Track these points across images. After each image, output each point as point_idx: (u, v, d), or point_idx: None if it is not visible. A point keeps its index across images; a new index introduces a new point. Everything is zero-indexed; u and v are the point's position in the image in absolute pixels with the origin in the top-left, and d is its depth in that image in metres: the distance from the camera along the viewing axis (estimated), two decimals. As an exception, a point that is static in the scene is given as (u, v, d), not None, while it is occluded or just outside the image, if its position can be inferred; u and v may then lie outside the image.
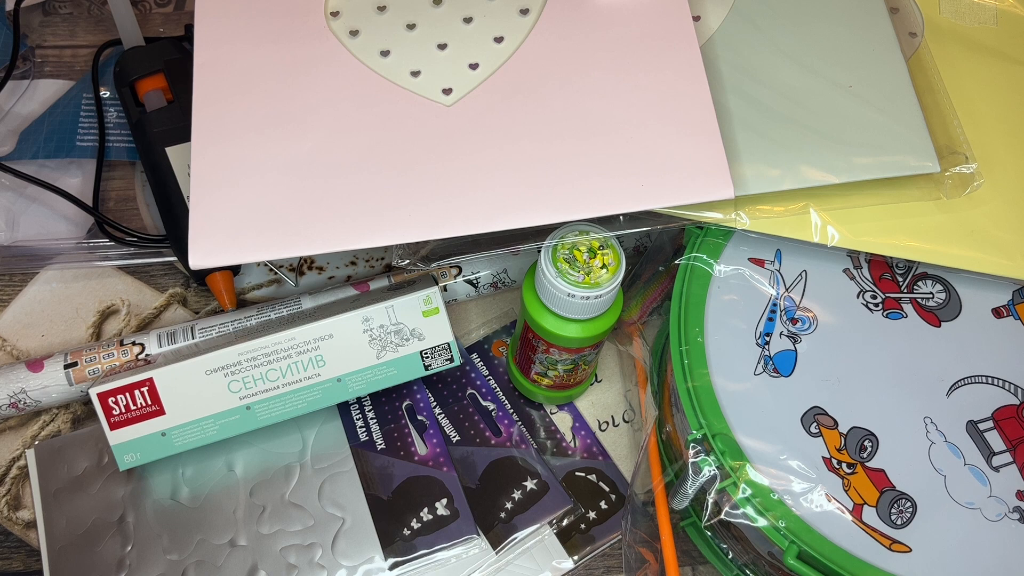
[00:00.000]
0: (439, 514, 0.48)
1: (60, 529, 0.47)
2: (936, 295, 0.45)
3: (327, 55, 0.45)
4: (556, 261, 0.42)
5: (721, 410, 0.42)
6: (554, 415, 0.53)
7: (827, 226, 0.44)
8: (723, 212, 0.43)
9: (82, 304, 0.55)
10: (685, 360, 0.43)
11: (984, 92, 0.48)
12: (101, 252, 0.55)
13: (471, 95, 0.44)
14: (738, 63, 0.46)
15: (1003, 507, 0.40)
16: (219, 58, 0.45)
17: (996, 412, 0.42)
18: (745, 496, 0.40)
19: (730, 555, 0.45)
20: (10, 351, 0.53)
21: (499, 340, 0.55)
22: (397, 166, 0.42)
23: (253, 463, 0.49)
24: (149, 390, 0.46)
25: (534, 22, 0.46)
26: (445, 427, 0.51)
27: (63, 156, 0.57)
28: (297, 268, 0.56)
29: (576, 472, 0.51)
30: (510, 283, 0.55)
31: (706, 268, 0.45)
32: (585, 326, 0.44)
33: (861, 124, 0.44)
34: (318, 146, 0.43)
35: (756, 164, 0.43)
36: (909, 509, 0.40)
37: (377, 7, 0.47)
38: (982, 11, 0.51)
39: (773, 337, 0.44)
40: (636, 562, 0.46)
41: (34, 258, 0.55)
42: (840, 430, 0.42)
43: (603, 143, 0.43)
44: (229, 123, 0.43)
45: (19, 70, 0.61)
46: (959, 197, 0.45)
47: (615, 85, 0.44)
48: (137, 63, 0.55)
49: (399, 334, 0.48)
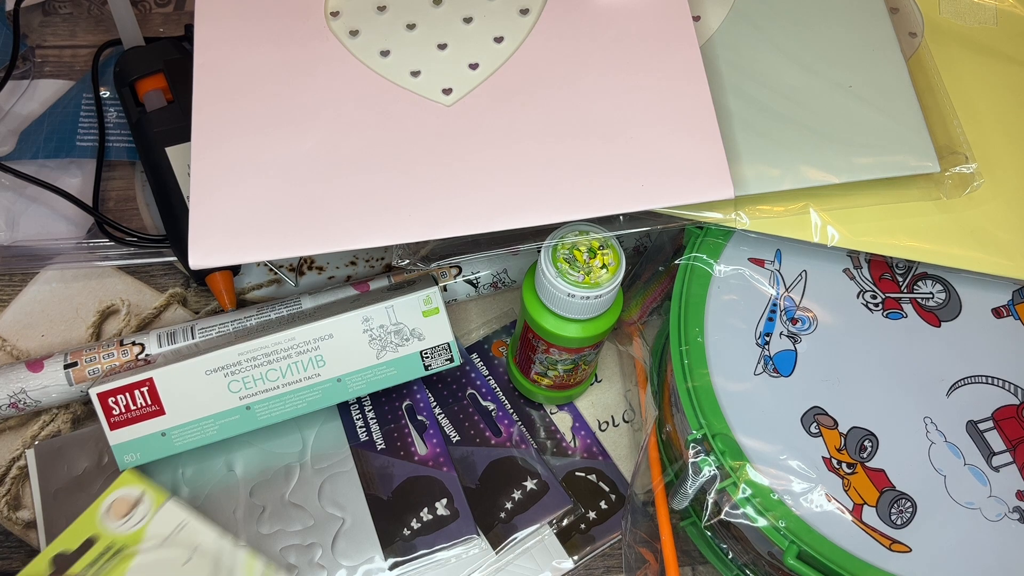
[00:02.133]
0: (439, 514, 0.48)
1: (60, 529, 0.47)
2: (936, 295, 0.45)
3: (327, 55, 0.45)
4: (556, 261, 0.42)
5: (721, 410, 0.42)
6: (554, 415, 0.53)
7: (827, 226, 0.44)
8: (723, 212, 0.43)
9: (82, 304, 0.55)
10: (685, 360, 0.43)
11: (984, 92, 0.48)
12: (101, 252, 0.55)
13: (471, 95, 0.44)
14: (738, 63, 0.46)
15: (1003, 507, 0.40)
16: (219, 58, 0.45)
17: (996, 412, 0.42)
18: (745, 496, 0.40)
19: (730, 555, 0.45)
20: (10, 351, 0.53)
21: (499, 340, 0.55)
22: (397, 166, 0.42)
23: (253, 463, 0.49)
24: (149, 390, 0.46)
25: (534, 22, 0.46)
26: (445, 427, 0.51)
27: (63, 156, 0.57)
28: (297, 268, 0.56)
29: (576, 472, 0.51)
30: (510, 283, 0.55)
31: (706, 268, 0.45)
32: (585, 326, 0.44)
33: (861, 124, 0.44)
34: (318, 146, 0.43)
35: (756, 164, 0.43)
36: (909, 509, 0.40)
37: (377, 7, 0.47)
38: (982, 11, 0.51)
39: (773, 337, 0.44)
40: (636, 562, 0.46)
41: (34, 258, 0.55)
42: (840, 430, 0.42)
43: (603, 143, 0.43)
44: (229, 123, 0.43)
45: (19, 70, 0.61)
46: (959, 197, 0.45)
47: (615, 85, 0.44)
48: (137, 63, 0.55)
49: (399, 334, 0.48)
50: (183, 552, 0.43)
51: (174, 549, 0.43)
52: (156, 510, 0.44)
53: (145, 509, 0.44)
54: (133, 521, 0.44)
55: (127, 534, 0.43)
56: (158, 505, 0.44)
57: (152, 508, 0.44)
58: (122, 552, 0.42)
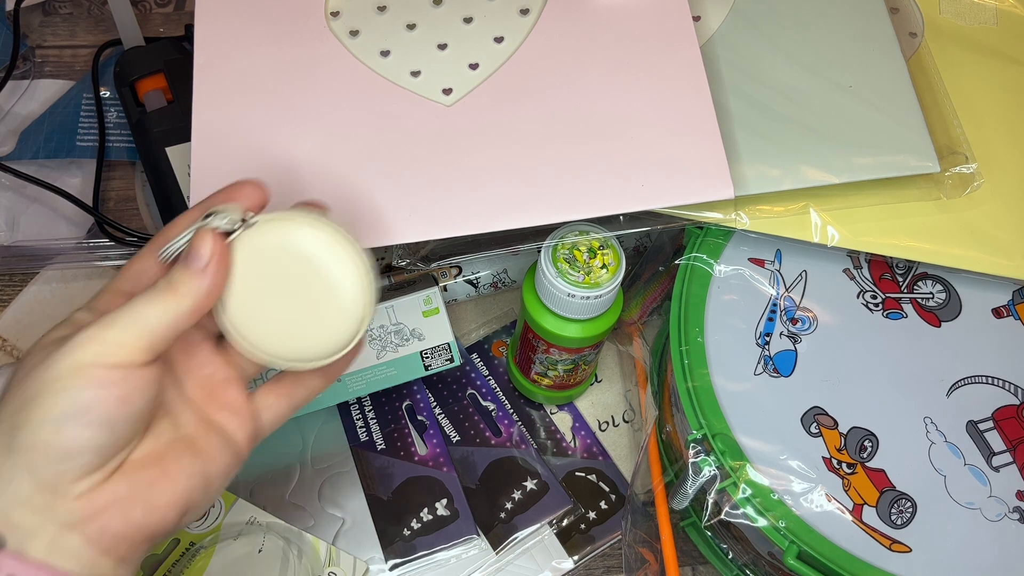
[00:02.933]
0: (439, 514, 0.48)
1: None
2: (936, 295, 0.45)
3: (327, 55, 0.45)
4: (556, 261, 0.42)
5: (721, 410, 0.42)
6: (554, 415, 0.53)
7: (827, 226, 0.44)
8: (723, 212, 0.43)
9: (82, 304, 0.55)
10: (685, 360, 0.43)
11: (984, 92, 0.48)
12: (101, 252, 0.55)
13: (471, 95, 0.44)
14: (738, 63, 0.46)
15: (1003, 507, 0.40)
16: (219, 58, 0.45)
17: (996, 412, 0.42)
18: (745, 496, 0.40)
19: (730, 555, 0.45)
20: (10, 351, 0.53)
21: (499, 340, 0.55)
22: (397, 166, 0.42)
23: (253, 463, 0.49)
24: (149, 390, 0.46)
25: (534, 22, 0.46)
26: (445, 427, 0.51)
27: (63, 156, 0.57)
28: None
29: (576, 472, 0.51)
30: (510, 283, 0.55)
31: (706, 268, 0.45)
32: (585, 326, 0.44)
33: (861, 124, 0.44)
34: (318, 146, 0.43)
35: (756, 164, 0.43)
36: (909, 509, 0.40)
37: (377, 7, 0.47)
38: (982, 11, 0.51)
39: (773, 337, 0.44)
40: (636, 562, 0.46)
41: (34, 258, 0.55)
42: (840, 430, 0.42)
43: (603, 143, 0.43)
44: (229, 123, 0.43)
45: (19, 70, 0.61)
46: (959, 197, 0.45)
47: (615, 85, 0.44)
48: (137, 63, 0.55)
49: (399, 334, 0.48)
50: (256, 541, 0.46)
51: (248, 539, 0.46)
52: (229, 507, 0.47)
53: (218, 507, 0.47)
54: (209, 520, 0.47)
55: (205, 532, 0.46)
56: (230, 503, 0.47)
57: (225, 506, 0.47)
58: (202, 548, 0.46)
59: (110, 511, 0.29)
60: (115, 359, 0.29)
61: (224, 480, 0.33)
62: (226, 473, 0.33)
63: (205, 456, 0.32)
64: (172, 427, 0.32)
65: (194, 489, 0.32)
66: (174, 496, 0.31)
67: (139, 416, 0.30)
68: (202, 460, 0.32)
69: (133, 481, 0.30)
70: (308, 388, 0.36)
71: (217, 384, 0.34)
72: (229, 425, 0.34)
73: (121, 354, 0.29)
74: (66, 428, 0.28)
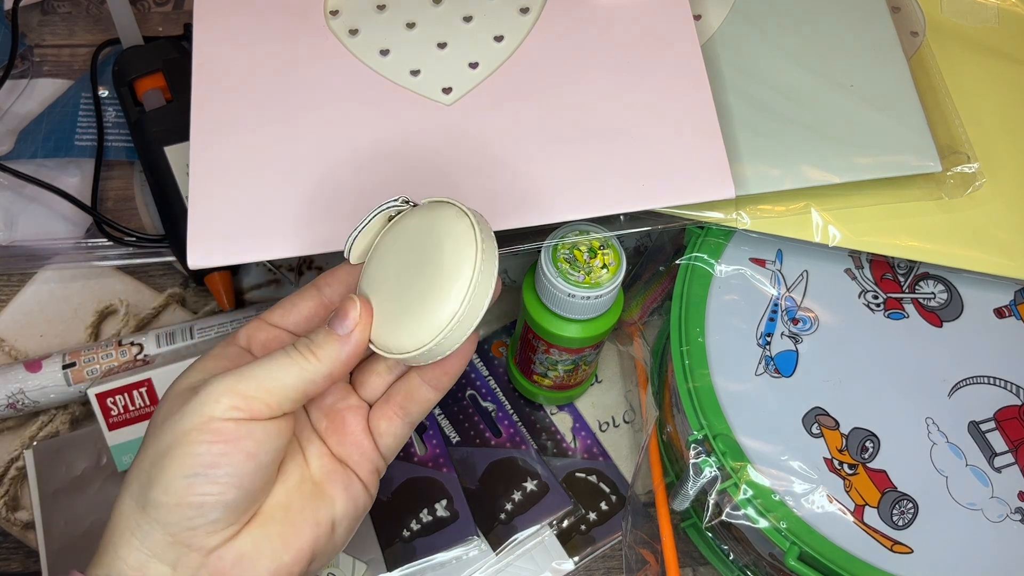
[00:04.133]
0: (439, 515, 0.48)
1: (59, 530, 0.47)
2: (938, 295, 0.45)
3: (326, 54, 0.45)
4: (556, 261, 0.42)
5: (722, 411, 0.42)
6: (554, 416, 0.53)
7: (828, 226, 0.44)
8: (724, 212, 0.43)
9: (80, 304, 0.55)
10: (686, 360, 0.43)
11: (986, 91, 0.48)
12: (99, 252, 0.55)
13: (471, 94, 0.44)
14: (739, 62, 0.46)
15: (1005, 508, 0.40)
16: (218, 57, 0.45)
17: (998, 413, 0.42)
18: (746, 497, 0.40)
19: (731, 556, 0.45)
20: (8, 351, 0.53)
21: (499, 340, 0.55)
22: (397, 166, 0.42)
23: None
24: (148, 391, 0.46)
25: (534, 21, 0.46)
26: (445, 428, 0.51)
27: (61, 156, 0.57)
28: (297, 268, 0.56)
29: (576, 473, 0.51)
30: (510, 283, 0.55)
31: (707, 268, 0.45)
32: (585, 326, 0.44)
33: (862, 124, 0.44)
34: (317, 145, 0.43)
35: (757, 164, 0.43)
36: (911, 510, 0.40)
37: (377, 6, 0.47)
38: (984, 10, 0.51)
39: (774, 337, 0.44)
40: (637, 563, 0.46)
41: (32, 258, 0.55)
42: (841, 431, 0.41)
43: (603, 142, 0.42)
44: (228, 123, 0.43)
45: (17, 69, 0.61)
46: (961, 197, 0.44)
47: (615, 84, 0.44)
48: (136, 62, 0.55)
49: (399, 334, 0.48)
50: None
51: None
52: None
53: None
54: None
55: None
56: None
57: None
58: None
59: (240, 566, 0.30)
60: (245, 415, 0.30)
61: (351, 523, 0.34)
62: (353, 515, 0.34)
63: (329, 500, 0.33)
64: (301, 465, 0.33)
65: (320, 537, 0.32)
66: (301, 547, 0.32)
67: (267, 468, 0.31)
68: (327, 504, 0.33)
69: (261, 536, 0.31)
70: (421, 403, 0.36)
71: (339, 413, 0.35)
72: (351, 458, 0.34)
73: (251, 410, 0.30)
74: (196, 485, 0.29)
